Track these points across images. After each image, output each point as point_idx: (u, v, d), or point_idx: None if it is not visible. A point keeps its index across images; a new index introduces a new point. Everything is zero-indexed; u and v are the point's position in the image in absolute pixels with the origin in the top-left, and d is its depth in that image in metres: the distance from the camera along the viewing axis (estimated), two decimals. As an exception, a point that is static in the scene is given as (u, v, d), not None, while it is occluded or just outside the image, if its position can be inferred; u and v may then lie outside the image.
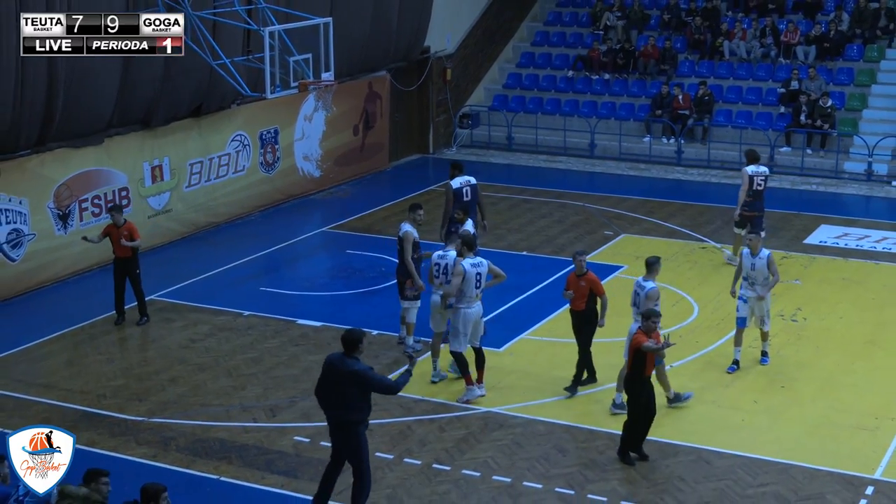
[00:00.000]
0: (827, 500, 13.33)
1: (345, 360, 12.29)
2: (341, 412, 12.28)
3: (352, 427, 12.30)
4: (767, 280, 16.65)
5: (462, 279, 15.53)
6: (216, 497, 13.49)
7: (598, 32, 32.89)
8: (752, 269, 16.68)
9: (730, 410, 15.72)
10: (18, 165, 20.01)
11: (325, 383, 12.38)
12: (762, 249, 16.72)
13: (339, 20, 24.05)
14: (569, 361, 16.41)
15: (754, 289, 16.67)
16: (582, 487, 13.62)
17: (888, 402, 15.94)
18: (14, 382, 16.75)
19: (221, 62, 21.36)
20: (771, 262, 16.64)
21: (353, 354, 12.30)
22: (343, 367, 12.24)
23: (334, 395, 12.29)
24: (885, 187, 27.19)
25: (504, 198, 26.50)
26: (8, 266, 19.96)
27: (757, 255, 16.67)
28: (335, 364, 12.34)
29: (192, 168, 23.65)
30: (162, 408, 15.88)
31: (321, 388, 12.47)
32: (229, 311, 19.49)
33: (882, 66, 30.21)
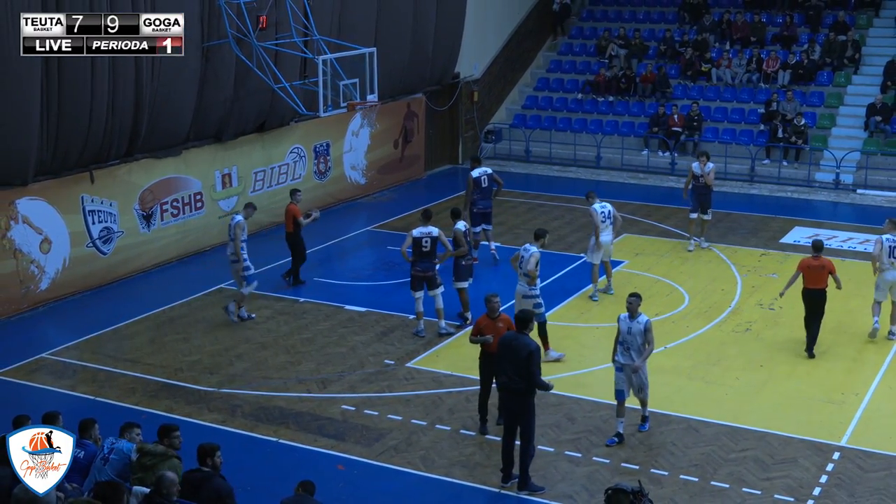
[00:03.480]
0: (799, 464, 13.23)
1: (520, 337, 12.29)
2: (516, 381, 12.18)
3: (523, 395, 12.24)
4: (642, 348, 13.52)
5: (537, 263, 15.97)
6: (275, 456, 13.51)
7: (603, 61, 32.71)
8: (629, 334, 13.52)
9: (716, 386, 15.62)
10: (109, 173, 20.09)
11: (503, 358, 12.28)
12: (641, 314, 13.57)
13: (382, 50, 24.03)
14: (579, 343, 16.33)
15: (629, 355, 13.55)
16: (588, 451, 13.56)
17: (853, 380, 15.82)
18: (105, 357, 16.84)
19: (282, 86, 21.38)
20: (648, 330, 13.48)
21: (525, 331, 12.30)
22: (520, 342, 12.20)
23: (512, 367, 12.18)
24: (850, 195, 26.95)
25: (522, 202, 26.41)
26: (100, 259, 20.04)
27: (635, 319, 13.52)
28: (511, 340, 12.31)
29: (257, 176, 23.67)
30: (230, 380, 15.91)
31: (498, 363, 12.39)
32: (287, 297, 19.50)
33: (848, 90, 29.96)
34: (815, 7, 32.09)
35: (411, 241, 17.11)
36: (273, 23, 22.04)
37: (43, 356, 16.86)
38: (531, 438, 12.47)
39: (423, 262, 17.18)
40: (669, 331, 17.56)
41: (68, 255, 19.36)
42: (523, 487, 12.54)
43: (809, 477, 12.92)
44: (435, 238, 17.13)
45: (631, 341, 13.50)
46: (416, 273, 17.25)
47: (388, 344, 17.23)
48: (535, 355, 12.14)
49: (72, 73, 18.33)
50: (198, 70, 21.04)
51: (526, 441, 12.43)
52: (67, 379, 16.03)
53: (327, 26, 23.67)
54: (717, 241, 22.03)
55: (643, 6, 35.02)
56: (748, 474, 12.98)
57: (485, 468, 13.16)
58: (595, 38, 33.89)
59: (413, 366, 16.35)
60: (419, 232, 17.11)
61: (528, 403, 12.32)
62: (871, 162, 27.47)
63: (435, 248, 17.19)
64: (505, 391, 12.45)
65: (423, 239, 17.07)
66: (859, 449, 13.63)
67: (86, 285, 19.74)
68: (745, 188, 27.83)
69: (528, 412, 12.36)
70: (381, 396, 15.26)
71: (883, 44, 30.97)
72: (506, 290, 16.59)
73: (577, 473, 13.04)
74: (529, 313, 12.63)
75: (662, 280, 20.21)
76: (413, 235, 17.12)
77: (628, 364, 13.51)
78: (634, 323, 13.47)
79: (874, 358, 16.61)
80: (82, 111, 18.75)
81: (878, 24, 31.80)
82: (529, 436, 12.44)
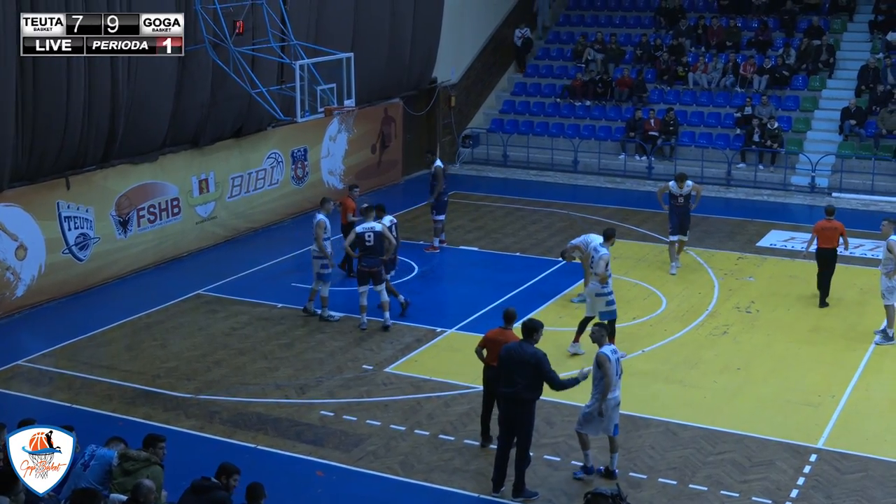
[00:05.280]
0: (776, 466, 13.29)
1: (524, 346, 12.20)
2: (519, 390, 12.11)
3: (526, 404, 12.18)
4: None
5: (606, 264, 16.34)
6: (254, 463, 13.44)
7: (580, 65, 32.78)
8: (618, 363, 12.83)
9: (693, 389, 15.67)
10: (85, 179, 19.97)
11: (506, 366, 12.20)
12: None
13: (360, 55, 23.99)
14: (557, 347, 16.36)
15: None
16: (567, 455, 13.57)
17: (829, 382, 15.90)
18: (81, 364, 16.73)
19: (259, 91, 21.33)
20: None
21: (531, 340, 12.23)
22: (524, 350, 12.13)
23: (515, 375, 12.10)
24: (825, 198, 27.08)
25: (500, 206, 26.44)
26: (76, 265, 19.92)
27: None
28: (514, 349, 12.22)
29: (234, 181, 23.59)
30: (207, 386, 15.84)
31: (501, 371, 12.30)
32: (265, 303, 19.44)
33: (823, 94, 30.15)
34: (789, 12, 32.30)
35: (354, 236, 17.59)
36: (250, 28, 21.97)
37: (19, 363, 16.73)
38: (528, 445, 12.45)
39: (369, 257, 17.57)
40: (647, 334, 17.62)
41: (44, 261, 19.22)
42: (518, 494, 12.51)
43: (787, 479, 12.98)
44: (378, 233, 17.58)
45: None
46: (362, 268, 17.72)
47: (367, 349, 17.21)
48: (544, 362, 12.12)
49: (47, 77, 18.21)
50: (174, 75, 20.95)
51: (523, 448, 12.42)
52: (44, 386, 15.91)
53: (304, 31, 23.63)
54: (695, 244, 22.12)
55: (619, 11, 35.14)
56: (726, 477, 13.03)
57: (464, 473, 13.15)
58: (572, 43, 33.98)
59: (391, 371, 16.33)
60: (362, 228, 17.61)
61: (531, 411, 12.31)
62: (846, 165, 27.65)
63: (380, 243, 17.59)
64: (510, 401, 12.29)
65: (365, 234, 17.51)
66: (836, 451, 13.70)
67: (62, 292, 19.61)
68: (722, 192, 27.96)
69: (530, 420, 12.35)
70: (359, 402, 15.23)
71: (856, 48, 31.20)
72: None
73: (556, 478, 13.05)
74: (536, 322, 12.50)
75: (640, 284, 20.27)
76: (356, 231, 17.62)
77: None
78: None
79: (850, 360, 16.70)
80: (58, 115, 18.63)
81: (852, 28, 32.03)
82: (527, 443, 12.42)
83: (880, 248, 17.55)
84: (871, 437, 14.13)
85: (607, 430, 12.81)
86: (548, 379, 12.17)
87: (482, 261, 21.86)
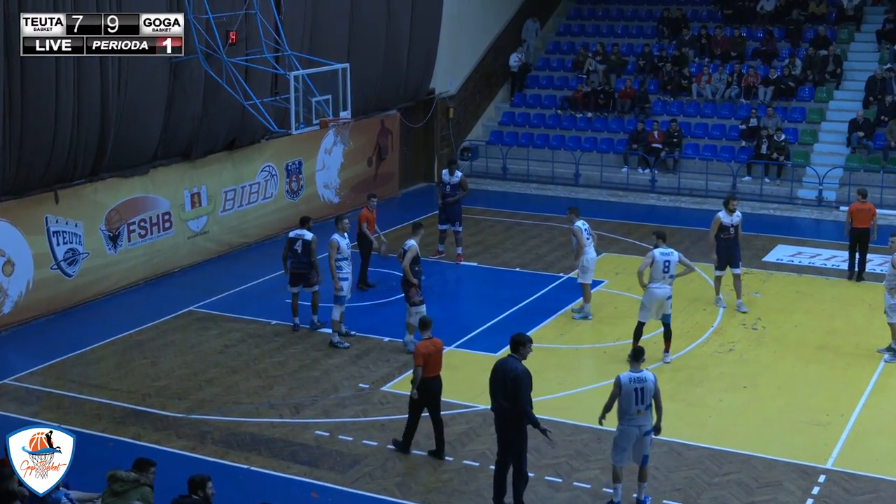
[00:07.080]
0: (784, 487, 13.25)
1: (508, 360, 12.30)
2: (510, 406, 12.17)
3: (514, 421, 12.23)
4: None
5: (651, 264, 16.80)
6: (247, 484, 13.40)
7: (581, 76, 32.85)
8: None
9: (698, 408, 15.64)
10: (75, 192, 19.97)
11: (496, 381, 12.32)
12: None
13: (356, 66, 24.06)
14: (556, 365, 16.32)
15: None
16: (569, 476, 13.54)
17: (838, 401, 15.87)
18: (70, 383, 16.70)
19: (252, 102, 21.37)
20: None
21: (516, 354, 12.28)
22: (507, 366, 12.23)
23: (500, 390, 12.21)
24: (833, 212, 27.11)
25: (499, 221, 26.45)
26: (65, 281, 19.90)
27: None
28: (501, 364, 12.35)
29: (227, 195, 23.60)
30: (199, 405, 15.81)
31: (490, 385, 12.42)
32: (259, 320, 19.42)
33: (830, 106, 30.20)
34: (795, 21, 32.38)
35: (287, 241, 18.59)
36: (243, 38, 22.04)
37: (6, 382, 16.69)
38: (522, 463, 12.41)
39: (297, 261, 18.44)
40: (651, 352, 17.58)
41: (32, 277, 19.21)
42: None
43: (795, 500, 12.94)
44: (307, 242, 18.33)
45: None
46: (293, 270, 18.53)
47: (363, 367, 17.18)
48: (521, 378, 12.07)
49: (35, 88, 18.23)
50: (165, 85, 20.98)
51: (517, 467, 12.40)
52: (31, 405, 15.87)
53: (299, 41, 23.68)
54: (700, 259, 22.09)
55: (621, 21, 35.25)
56: (732, 498, 12.99)
57: (462, 494, 13.12)
58: (573, 54, 34.06)
59: (388, 389, 16.30)
60: (294, 234, 18.51)
61: (521, 427, 12.28)
62: (854, 178, 27.65)
63: (308, 250, 18.31)
64: (498, 417, 12.40)
65: (296, 241, 18.39)
66: (845, 471, 13.66)
67: (50, 308, 19.59)
68: (727, 205, 27.91)
69: (521, 436, 12.32)
70: (355, 421, 15.20)
71: (864, 58, 31.27)
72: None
73: (557, 499, 13.01)
74: (524, 336, 12.46)
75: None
76: (289, 236, 18.59)
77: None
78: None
79: (859, 378, 16.68)
80: (46, 127, 18.63)
81: (860, 38, 32.11)
82: (521, 460, 12.39)
83: (888, 264, 17.54)
84: (882, 457, 14.10)
85: (637, 459, 12.69)
86: (522, 398, 12.10)
87: (481, 276, 21.84)
